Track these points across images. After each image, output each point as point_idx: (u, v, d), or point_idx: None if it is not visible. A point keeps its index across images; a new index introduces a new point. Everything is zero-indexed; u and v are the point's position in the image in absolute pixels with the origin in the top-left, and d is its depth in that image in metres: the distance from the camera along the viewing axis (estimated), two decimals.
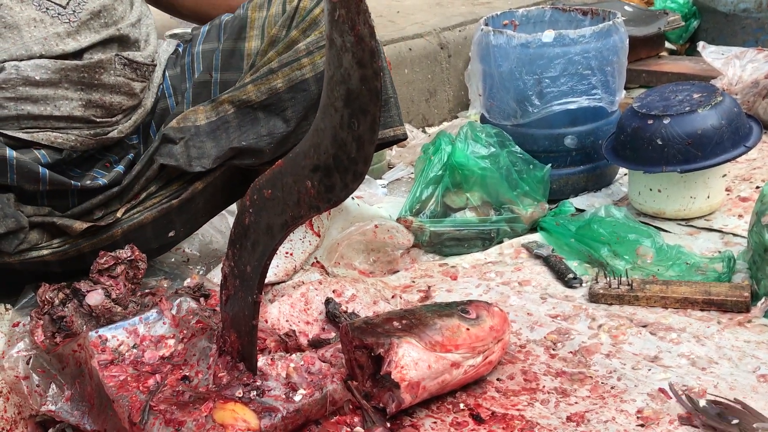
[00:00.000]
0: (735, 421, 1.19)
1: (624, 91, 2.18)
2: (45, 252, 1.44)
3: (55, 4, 1.44)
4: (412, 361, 1.26)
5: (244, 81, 1.51)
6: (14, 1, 1.42)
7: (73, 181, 1.47)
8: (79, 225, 1.45)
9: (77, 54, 1.47)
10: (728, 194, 2.04)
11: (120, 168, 1.54)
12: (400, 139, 1.69)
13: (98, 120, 1.50)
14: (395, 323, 1.32)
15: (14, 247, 1.40)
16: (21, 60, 1.42)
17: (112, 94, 1.51)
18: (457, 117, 3.08)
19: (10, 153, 1.38)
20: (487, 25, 2.19)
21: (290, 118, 1.53)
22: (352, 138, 1.02)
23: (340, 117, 1.02)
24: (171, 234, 1.61)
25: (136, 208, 1.53)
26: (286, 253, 1.75)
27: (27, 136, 1.44)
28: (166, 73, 1.65)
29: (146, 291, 1.52)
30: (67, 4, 1.45)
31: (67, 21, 1.45)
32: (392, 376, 1.24)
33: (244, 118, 1.53)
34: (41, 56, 1.43)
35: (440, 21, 3.17)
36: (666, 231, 1.89)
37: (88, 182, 1.50)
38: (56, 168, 1.48)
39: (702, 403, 1.25)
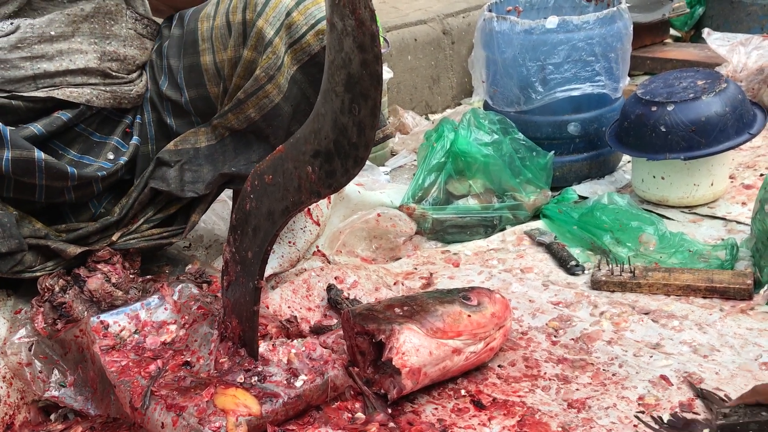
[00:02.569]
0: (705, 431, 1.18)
1: (628, 78, 2.17)
2: (38, 274, 1.46)
3: None
4: (413, 348, 1.26)
5: (224, 109, 1.52)
6: None
7: (98, 173, 1.49)
8: (73, 249, 1.47)
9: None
10: (732, 182, 2.03)
11: (136, 139, 1.56)
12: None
13: (114, 73, 1.53)
14: (397, 310, 1.32)
15: (9, 267, 1.42)
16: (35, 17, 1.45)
17: (125, 47, 1.54)
18: (460, 104, 3.07)
19: (39, 155, 1.39)
20: (490, 11, 2.18)
21: (275, 144, 1.53)
22: (353, 123, 1.02)
23: (341, 102, 1.02)
24: (167, 247, 1.62)
25: (132, 234, 1.54)
26: (289, 242, 1.75)
27: (43, 94, 1.46)
28: None
29: (148, 277, 1.52)
30: None
31: None
32: (393, 363, 1.24)
33: (240, 140, 1.55)
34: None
35: (444, 7, 3.15)
36: (669, 218, 1.89)
37: (111, 156, 1.52)
38: (77, 127, 1.50)
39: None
